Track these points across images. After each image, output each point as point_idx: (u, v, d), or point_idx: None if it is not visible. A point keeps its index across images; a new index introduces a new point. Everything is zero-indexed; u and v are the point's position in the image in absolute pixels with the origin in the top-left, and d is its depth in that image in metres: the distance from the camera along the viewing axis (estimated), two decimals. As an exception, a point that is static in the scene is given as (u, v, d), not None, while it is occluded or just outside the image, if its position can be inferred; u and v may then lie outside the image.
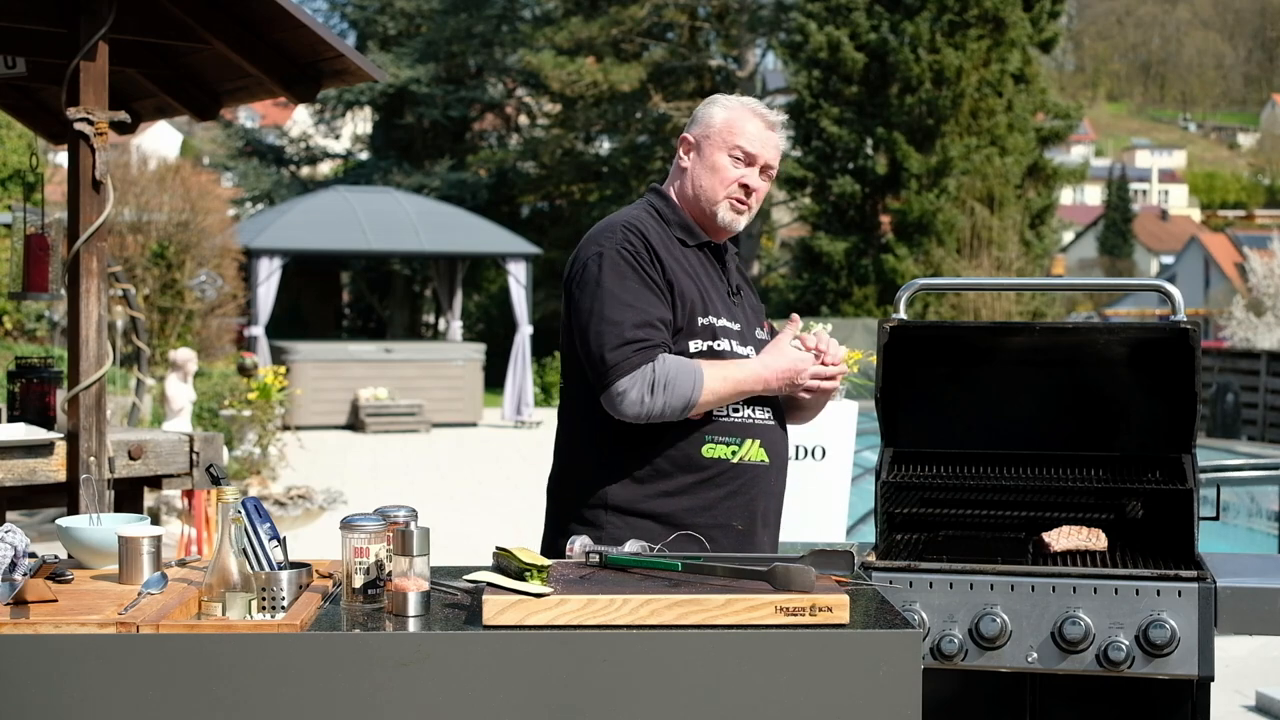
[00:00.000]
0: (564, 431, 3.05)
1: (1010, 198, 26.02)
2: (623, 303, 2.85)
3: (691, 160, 3.06)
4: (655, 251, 2.92)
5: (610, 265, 2.88)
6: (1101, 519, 3.36)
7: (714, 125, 3.04)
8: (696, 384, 2.82)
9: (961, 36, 25.72)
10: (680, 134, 3.13)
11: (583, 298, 2.89)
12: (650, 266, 2.90)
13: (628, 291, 2.86)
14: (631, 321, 2.83)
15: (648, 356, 2.82)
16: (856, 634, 2.21)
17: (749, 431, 2.96)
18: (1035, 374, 3.52)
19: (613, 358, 2.82)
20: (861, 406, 5.97)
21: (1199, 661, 2.92)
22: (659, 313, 2.87)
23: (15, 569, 2.48)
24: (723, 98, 3.10)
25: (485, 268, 28.75)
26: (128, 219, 16.84)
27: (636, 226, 2.95)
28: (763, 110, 3.06)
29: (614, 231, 2.93)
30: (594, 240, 2.95)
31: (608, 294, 2.86)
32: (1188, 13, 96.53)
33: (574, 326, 2.92)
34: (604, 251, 2.90)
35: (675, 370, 2.82)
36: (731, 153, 3.01)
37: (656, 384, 2.80)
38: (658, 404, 2.81)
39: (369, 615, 2.34)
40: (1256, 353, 21.24)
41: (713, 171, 3.02)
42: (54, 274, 4.94)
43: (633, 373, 2.81)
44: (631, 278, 2.87)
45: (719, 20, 30.00)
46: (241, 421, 12.95)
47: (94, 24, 4.51)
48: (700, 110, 3.10)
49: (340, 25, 32.37)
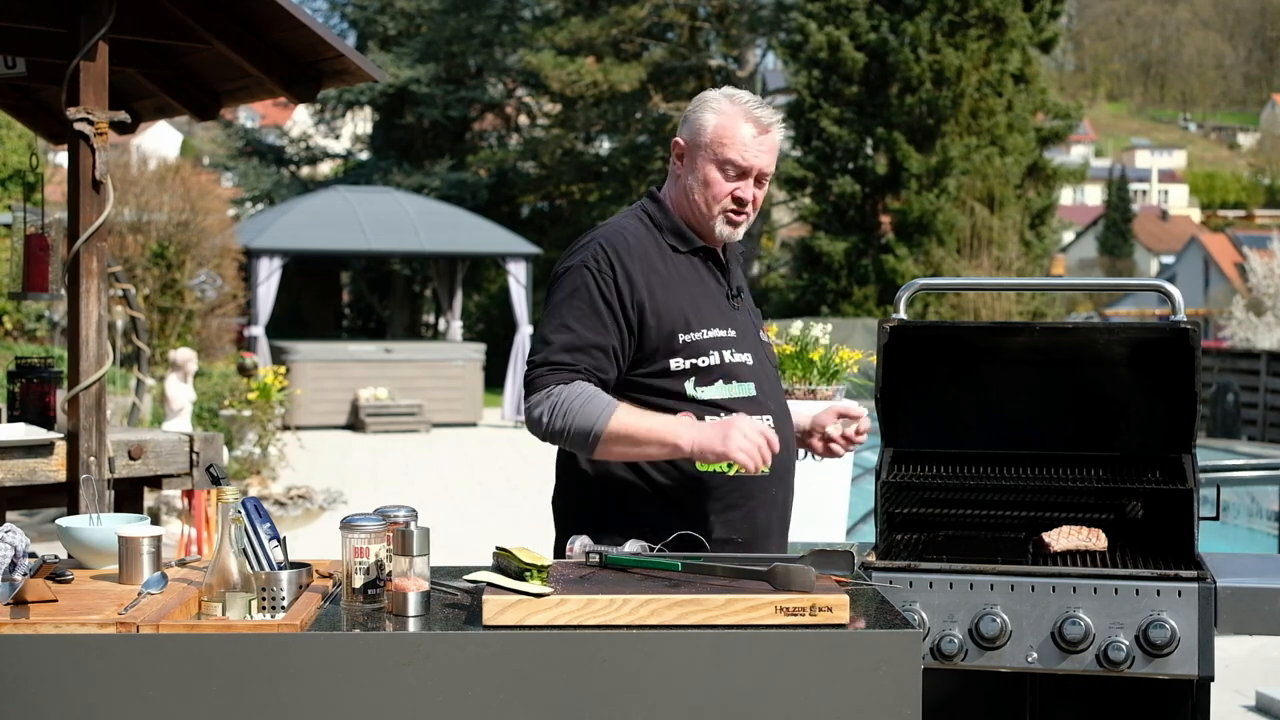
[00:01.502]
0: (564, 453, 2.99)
1: (1010, 198, 26.02)
2: (562, 324, 2.82)
3: (684, 170, 2.96)
4: (628, 272, 2.83)
5: (569, 282, 2.85)
6: (1101, 519, 3.36)
7: (704, 134, 2.90)
8: (603, 416, 2.72)
9: (961, 36, 25.72)
10: (676, 134, 3.01)
11: (545, 308, 2.92)
12: (611, 290, 2.82)
13: (573, 313, 2.82)
14: (562, 344, 2.80)
15: (560, 378, 2.77)
16: (856, 634, 2.21)
17: None
18: (1035, 374, 3.52)
19: (530, 375, 2.82)
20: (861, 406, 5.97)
21: (1199, 661, 2.92)
22: (599, 339, 2.81)
23: (15, 569, 2.48)
24: (714, 98, 2.94)
25: (485, 268, 28.76)
26: (128, 219, 16.83)
27: (614, 244, 2.86)
28: (756, 113, 2.90)
29: (589, 246, 2.88)
30: (572, 250, 2.92)
31: (554, 310, 2.84)
32: (1188, 13, 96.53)
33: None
34: (572, 266, 2.86)
35: (584, 398, 2.74)
36: (722, 167, 2.90)
37: (558, 406, 2.74)
38: (556, 425, 2.74)
39: (369, 615, 2.34)
40: (1256, 353, 21.23)
41: (705, 185, 2.91)
42: (54, 274, 4.95)
43: (540, 391, 2.77)
44: (583, 298, 2.82)
45: (719, 20, 30.01)
46: (241, 421, 12.96)
47: (94, 24, 4.51)
48: (692, 112, 2.95)
49: (340, 25, 32.37)
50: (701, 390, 2.87)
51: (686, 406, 2.85)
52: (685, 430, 2.75)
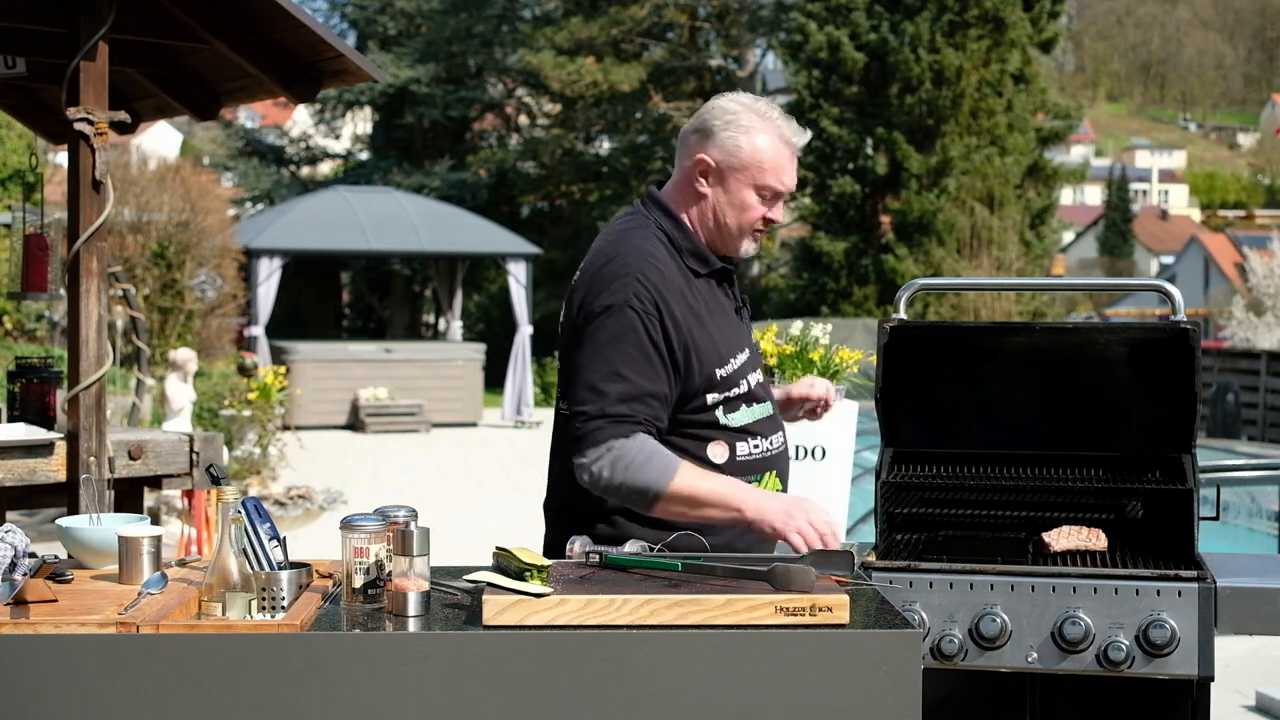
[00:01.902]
0: (562, 465, 2.84)
1: (1010, 198, 26.03)
2: (614, 371, 2.67)
3: (712, 190, 2.82)
4: (672, 312, 2.71)
5: (614, 324, 2.68)
6: (1101, 519, 3.36)
7: (742, 157, 2.78)
8: (665, 475, 2.64)
9: (961, 36, 25.73)
10: (693, 144, 2.83)
11: (579, 351, 2.72)
12: (658, 329, 2.69)
13: (623, 359, 2.67)
14: (618, 394, 2.66)
15: (620, 431, 2.65)
16: (856, 634, 2.21)
17: (768, 464, 2.89)
18: (1035, 374, 3.52)
19: (586, 427, 2.67)
20: (861, 406, 5.97)
21: (1199, 661, 2.92)
22: (652, 386, 2.69)
23: (15, 569, 2.48)
24: (744, 115, 2.80)
25: (485, 268, 28.76)
26: (128, 219, 16.84)
27: (652, 280, 2.71)
28: (789, 133, 2.82)
29: (627, 282, 2.70)
30: (605, 286, 2.72)
31: (603, 358, 2.68)
32: (1188, 13, 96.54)
33: (563, 375, 2.77)
34: (614, 306, 2.68)
35: (647, 454, 2.65)
36: (760, 191, 2.80)
37: (619, 462, 2.64)
38: (615, 481, 2.65)
39: (369, 615, 2.34)
40: (1256, 353, 21.24)
41: (740, 210, 2.81)
42: (53, 274, 4.95)
43: (599, 445, 2.66)
44: (632, 343, 2.68)
45: (719, 20, 30.01)
46: (241, 421, 12.96)
47: (94, 24, 4.50)
48: (722, 129, 2.80)
49: (340, 25, 32.38)
50: (731, 417, 2.83)
51: (718, 435, 2.81)
52: (750, 497, 2.70)
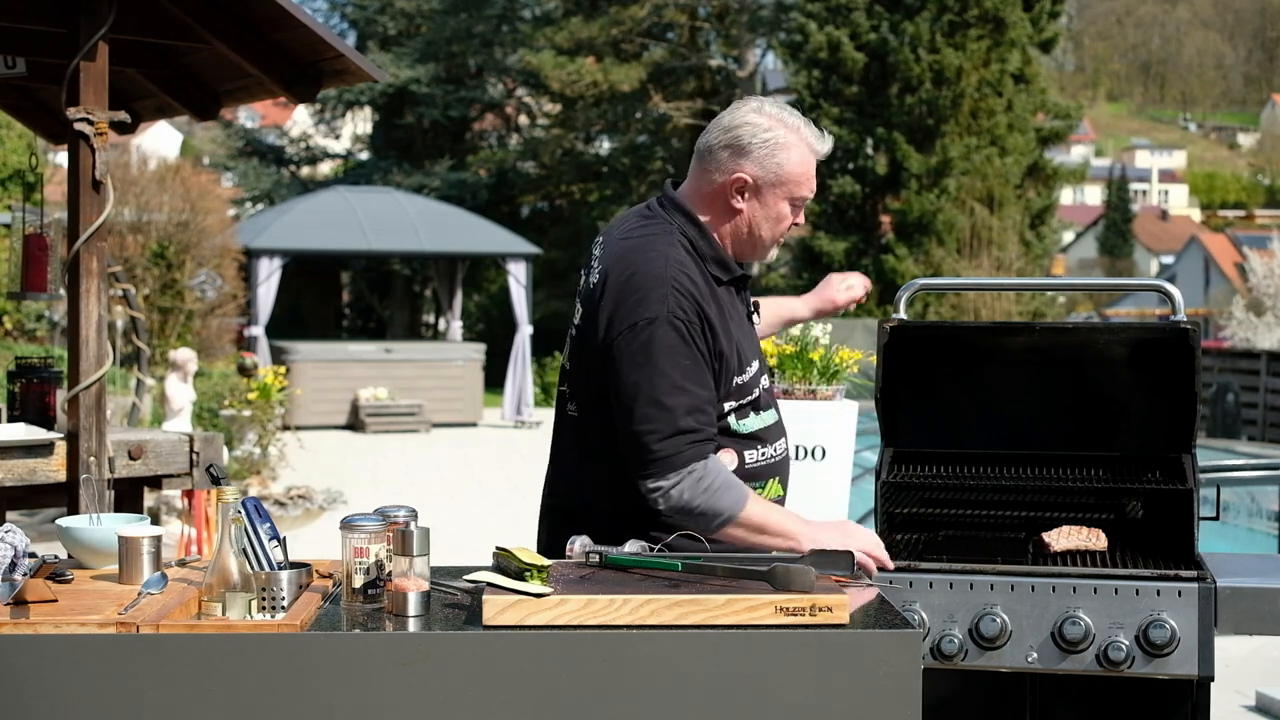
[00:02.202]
0: (574, 468, 2.86)
1: (1010, 198, 26.03)
2: (675, 385, 2.65)
3: (748, 204, 2.82)
4: (708, 320, 2.73)
5: (662, 337, 2.66)
6: (1101, 519, 3.36)
7: (781, 174, 2.80)
8: (740, 502, 2.68)
9: (961, 36, 25.73)
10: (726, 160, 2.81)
11: (630, 368, 2.67)
12: (701, 337, 2.71)
13: (678, 370, 2.66)
14: (684, 407, 2.65)
15: (700, 452, 2.67)
16: (856, 634, 2.21)
17: (772, 471, 2.89)
18: (1035, 374, 3.52)
19: (664, 448, 2.64)
20: (861, 406, 5.96)
21: (1199, 661, 2.92)
22: (709, 394, 2.71)
23: (15, 569, 2.48)
24: (778, 129, 2.80)
25: (485, 268, 28.76)
26: (128, 219, 16.83)
27: (687, 289, 2.71)
28: (816, 143, 2.84)
29: (664, 293, 2.68)
30: (643, 297, 2.69)
31: (660, 373, 2.65)
32: (1188, 13, 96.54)
33: (617, 394, 2.71)
34: (657, 318, 2.66)
35: (724, 480, 2.68)
36: (794, 202, 2.84)
37: (700, 484, 2.65)
38: (693, 504, 2.66)
39: (369, 615, 2.34)
40: (1256, 353, 21.24)
41: (776, 222, 2.84)
42: (53, 274, 4.95)
43: (682, 469, 2.65)
44: (683, 353, 2.67)
45: (719, 20, 30.01)
46: (241, 421, 12.96)
47: (94, 24, 4.50)
48: (759, 147, 2.79)
49: (340, 25, 32.37)
50: (742, 424, 2.83)
51: (728, 442, 2.81)
52: (805, 530, 2.72)
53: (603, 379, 2.74)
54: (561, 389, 2.93)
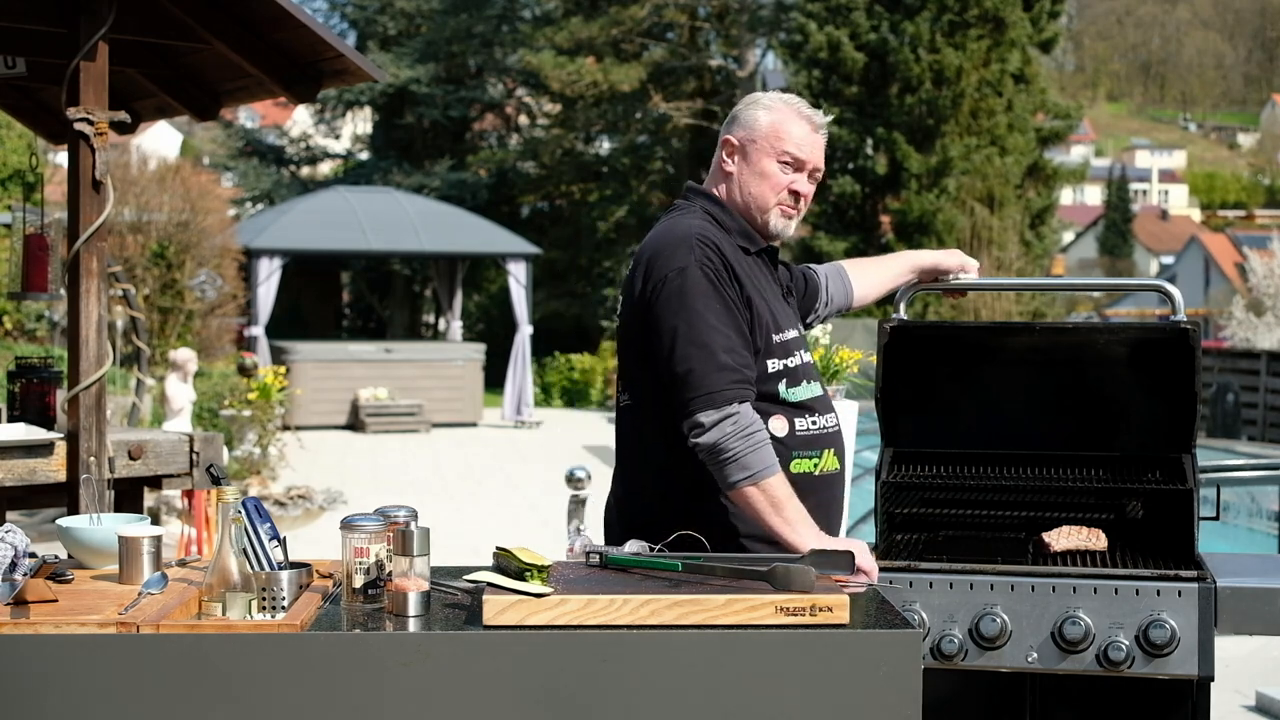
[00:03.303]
0: (636, 456, 2.94)
1: (1010, 198, 26.02)
2: (710, 325, 2.75)
3: (737, 165, 2.97)
4: (732, 268, 2.84)
5: (695, 282, 2.77)
6: (1101, 519, 3.36)
7: (759, 129, 2.95)
8: (772, 466, 2.71)
9: (961, 36, 25.72)
10: (722, 132, 3.01)
11: (667, 316, 2.78)
12: (730, 284, 2.82)
13: (712, 312, 2.77)
14: (722, 346, 2.75)
15: (740, 394, 2.73)
16: (856, 634, 2.21)
17: (827, 441, 2.94)
18: (1035, 374, 3.52)
19: (705, 384, 2.72)
20: (861, 406, 5.96)
21: (1199, 661, 2.92)
22: (742, 339, 2.80)
23: (15, 569, 2.48)
24: (765, 97, 3.00)
25: (485, 268, 28.75)
26: (128, 219, 16.82)
27: (712, 241, 2.84)
28: (808, 112, 2.98)
29: (690, 246, 2.81)
30: (671, 254, 2.82)
31: (696, 314, 2.76)
32: (1188, 13, 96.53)
33: (658, 344, 2.79)
34: (687, 268, 2.78)
35: (760, 439, 2.72)
36: (780, 159, 2.94)
37: (738, 427, 2.70)
38: (729, 446, 2.69)
39: (369, 615, 2.34)
40: (1256, 353, 21.23)
41: (761, 178, 2.94)
42: (53, 274, 4.95)
43: (721, 408, 2.71)
44: (715, 297, 2.78)
45: (719, 20, 29.99)
46: (241, 421, 12.95)
47: (94, 24, 4.50)
48: (742, 111, 3.00)
49: (340, 25, 32.35)
50: (791, 392, 2.90)
51: (778, 409, 2.86)
52: (812, 530, 2.73)
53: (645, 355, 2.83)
54: (618, 385, 3.03)
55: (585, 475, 5.69)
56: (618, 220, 28.33)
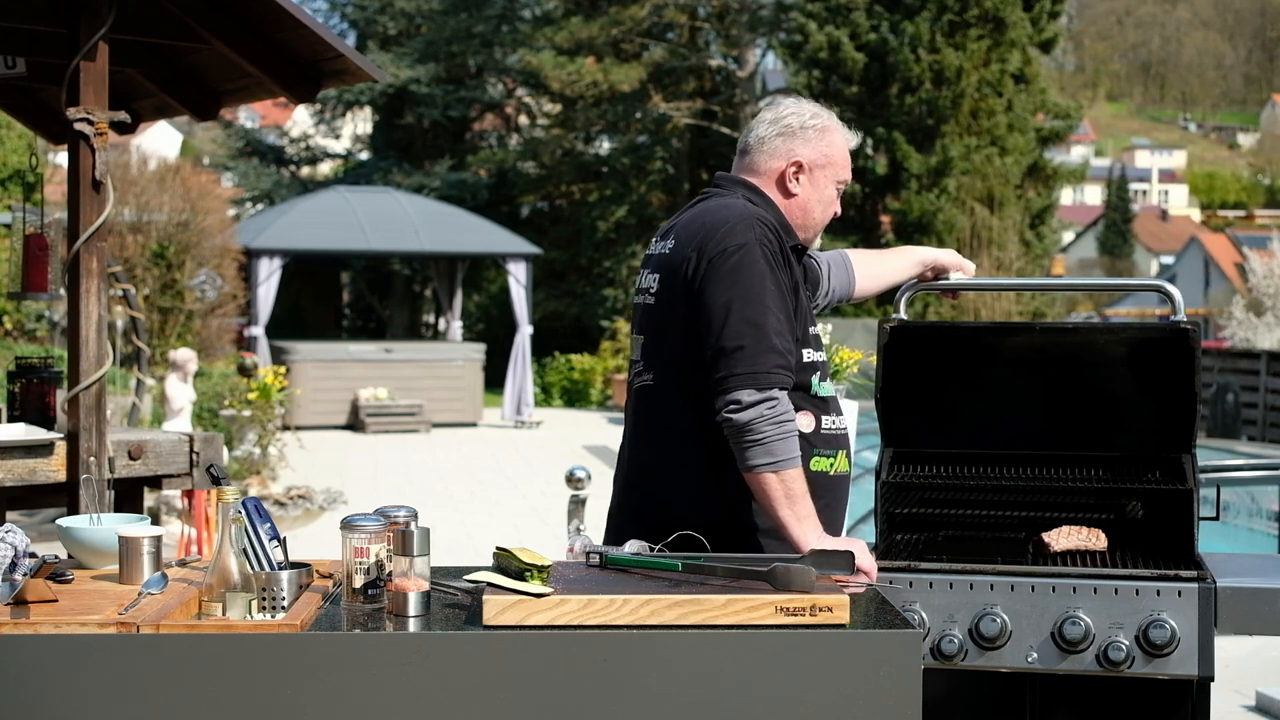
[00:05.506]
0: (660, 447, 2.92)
1: (1010, 198, 26.02)
2: (765, 306, 2.76)
3: (804, 186, 3.00)
4: (785, 251, 2.88)
5: (754, 261, 2.78)
6: (1101, 519, 3.36)
7: (833, 156, 3.01)
8: (796, 458, 2.72)
9: (961, 36, 25.72)
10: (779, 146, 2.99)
11: (721, 289, 2.77)
12: (784, 269, 2.85)
13: (768, 293, 2.78)
14: (774, 328, 2.76)
15: (784, 380, 2.74)
16: (856, 634, 2.21)
17: (842, 442, 2.96)
18: (1035, 374, 3.52)
19: (755, 364, 2.72)
20: (861, 406, 5.96)
21: (1199, 661, 2.92)
22: (790, 326, 2.81)
23: (15, 569, 2.48)
24: (820, 117, 3.01)
25: (485, 268, 28.74)
26: (128, 219, 16.82)
27: (769, 222, 2.88)
28: (849, 135, 3.08)
29: (751, 224, 2.83)
30: (730, 230, 2.82)
31: (752, 293, 2.76)
32: (1188, 13, 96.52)
33: (707, 317, 2.78)
34: (748, 245, 2.80)
35: (790, 430, 2.72)
36: (838, 184, 3.04)
37: (775, 411, 2.70)
38: (761, 428, 2.69)
39: (369, 615, 2.34)
40: (1256, 353, 21.22)
41: (826, 204, 3.03)
42: (53, 274, 4.94)
43: (765, 390, 2.71)
44: (771, 279, 2.80)
45: (719, 20, 29.98)
46: (241, 421, 12.95)
47: (94, 24, 4.50)
48: (814, 130, 3.00)
49: (340, 25, 32.34)
50: (821, 386, 2.92)
51: (807, 404, 2.87)
52: (818, 530, 2.74)
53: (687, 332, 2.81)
54: (634, 362, 2.99)
55: (585, 475, 5.69)
56: (618, 220, 28.32)
